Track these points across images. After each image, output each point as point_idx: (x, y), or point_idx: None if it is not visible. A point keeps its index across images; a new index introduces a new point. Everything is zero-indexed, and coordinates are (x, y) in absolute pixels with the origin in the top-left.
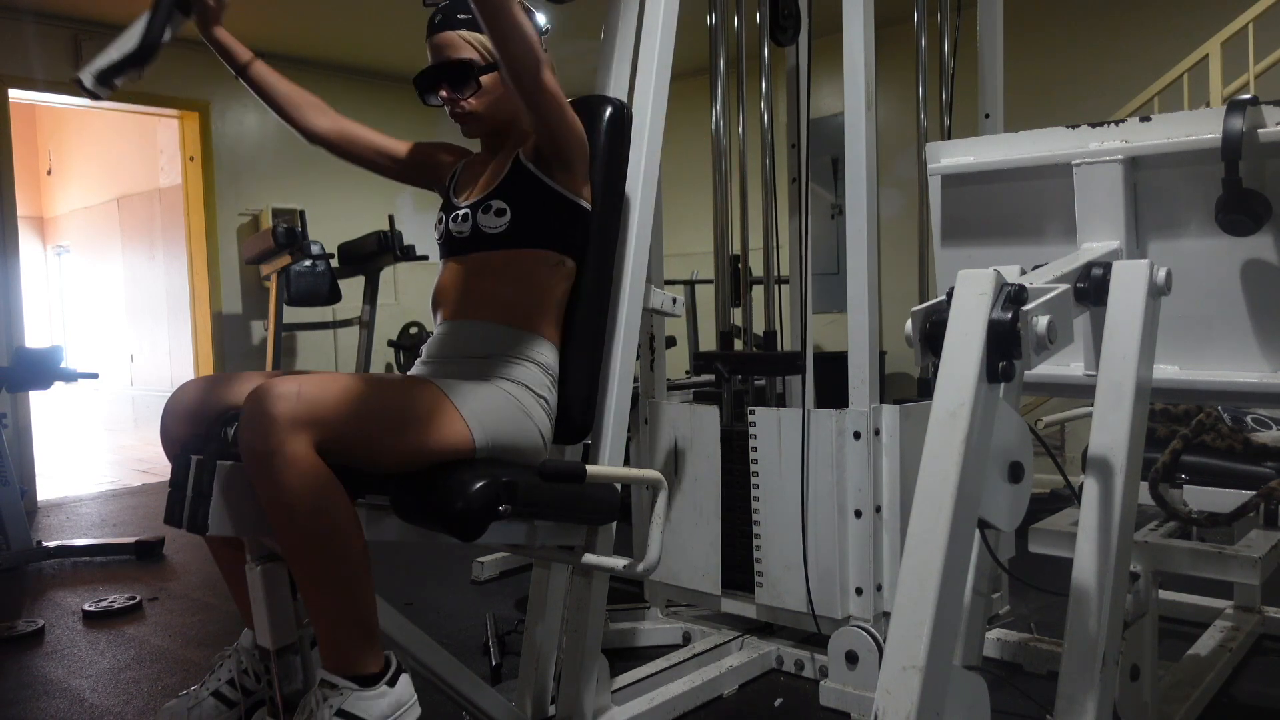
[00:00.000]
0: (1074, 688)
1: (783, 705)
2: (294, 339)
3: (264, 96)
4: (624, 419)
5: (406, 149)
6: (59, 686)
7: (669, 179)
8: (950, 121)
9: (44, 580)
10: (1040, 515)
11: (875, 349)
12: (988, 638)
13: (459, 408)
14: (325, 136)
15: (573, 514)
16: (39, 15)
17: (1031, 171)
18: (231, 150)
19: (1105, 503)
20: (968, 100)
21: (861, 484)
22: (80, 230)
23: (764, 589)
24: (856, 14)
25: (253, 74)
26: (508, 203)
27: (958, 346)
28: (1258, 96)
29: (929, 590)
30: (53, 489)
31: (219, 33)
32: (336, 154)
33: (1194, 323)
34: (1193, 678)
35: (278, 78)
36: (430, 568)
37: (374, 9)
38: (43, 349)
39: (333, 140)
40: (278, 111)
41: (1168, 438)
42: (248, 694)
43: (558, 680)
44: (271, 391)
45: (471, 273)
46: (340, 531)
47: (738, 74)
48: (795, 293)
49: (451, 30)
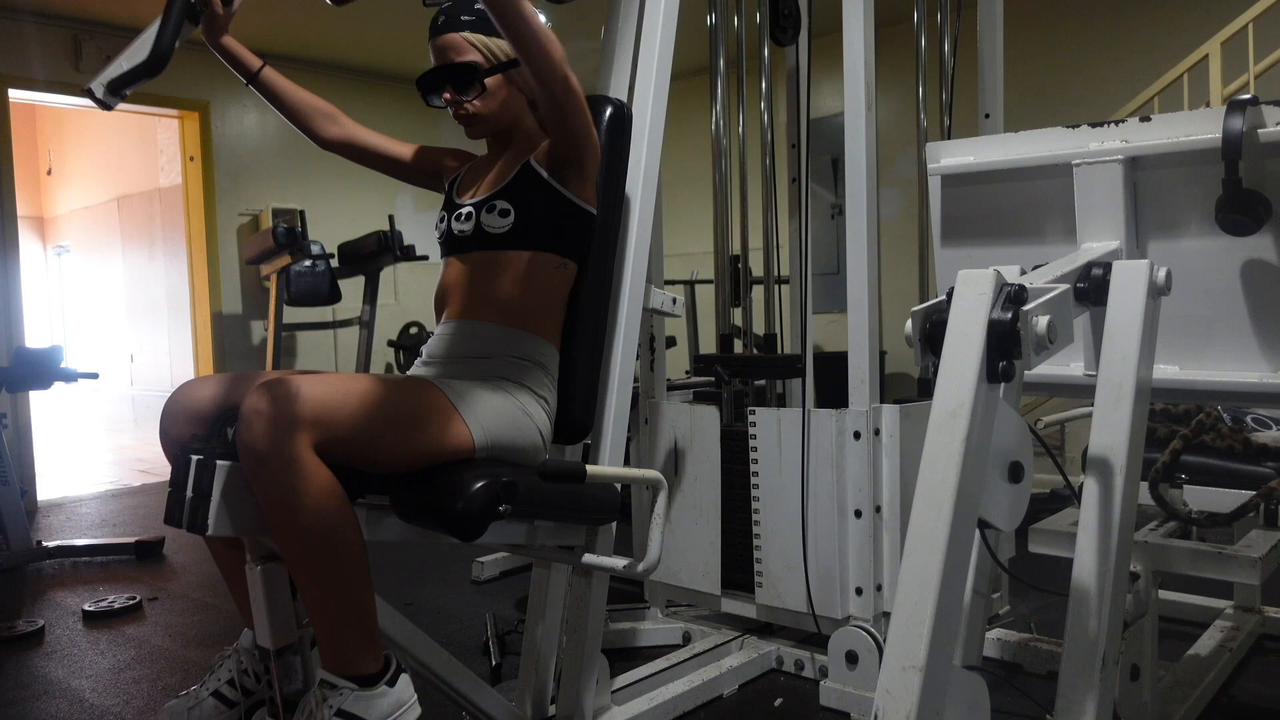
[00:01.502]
0: (1074, 688)
1: (783, 705)
2: (294, 339)
3: (275, 103)
4: (624, 419)
5: (414, 152)
6: (59, 686)
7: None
8: (950, 121)
9: (44, 580)
10: (1040, 515)
11: (875, 349)
12: (988, 638)
13: (459, 408)
14: (336, 144)
15: (573, 514)
16: (39, 15)
17: (1031, 171)
18: (231, 150)
19: (1105, 503)
20: (968, 100)
21: (861, 484)
22: (80, 230)
23: (764, 589)
24: (856, 14)
25: (263, 81)
26: (512, 204)
27: (958, 346)
28: (1258, 96)
29: (929, 590)
30: (53, 489)
31: (227, 41)
32: (347, 158)
33: (1194, 323)
34: (1193, 678)
35: (288, 84)
36: (430, 568)
37: (376, 9)
38: (43, 349)
39: (343, 147)
40: (289, 118)
41: (1168, 438)
42: (248, 694)
43: (558, 680)
44: (271, 391)
45: (473, 272)
46: (340, 531)
47: (738, 74)
48: (795, 293)
49: (455, 32)
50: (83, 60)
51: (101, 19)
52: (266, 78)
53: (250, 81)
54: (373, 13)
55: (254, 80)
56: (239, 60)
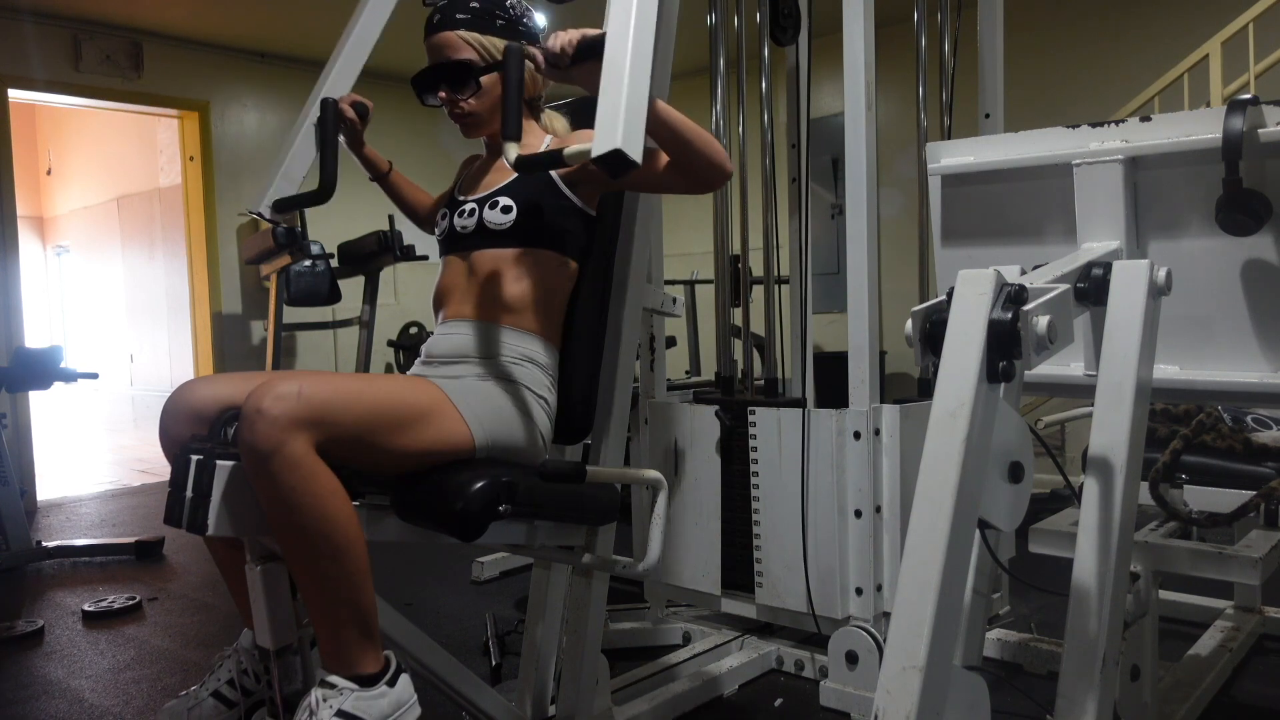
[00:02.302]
0: (1074, 688)
1: (783, 705)
2: (294, 339)
3: (396, 201)
4: (624, 419)
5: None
6: (59, 686)
7: None
8: (950, 121)
9: (44, 580)
10: (1040, 515)
11: (875, 349)
12: (988, 638)
13: (459, 408)
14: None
15: (573, 514)
16: (39, 15)
17: (1031, 172)
18: (231, 150)
19: (1105, 503)
20: (968, 100)
21: (861, 484)
22: (80, 230)
23: (764, 589)
24: (856, 14)
25: (390, 181)
26: (514, 200)
27: (958, 346)
28: (1258, 96)
29: (929, 590)
30: (53, 489)
31: (366, 150)
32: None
33: (1194, 323)
34: (1193, 678)
35: (407, 183)
36: (430, 568)
37: None
38: (43, 349)
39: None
40: (405, 213)
41: (1168, 438)
42: (247, 694)
43: (558, 680)
44: (271, 391)
45: (474, 269)
46: (340, 531)
47: (738, 74)
48: (795, 293)
49: (450, 30)
50: (82, 60)
51: (101, 19)
52: (393, 179)
53: (379, 180)
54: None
55: (382, 180)
56: (372, 164)
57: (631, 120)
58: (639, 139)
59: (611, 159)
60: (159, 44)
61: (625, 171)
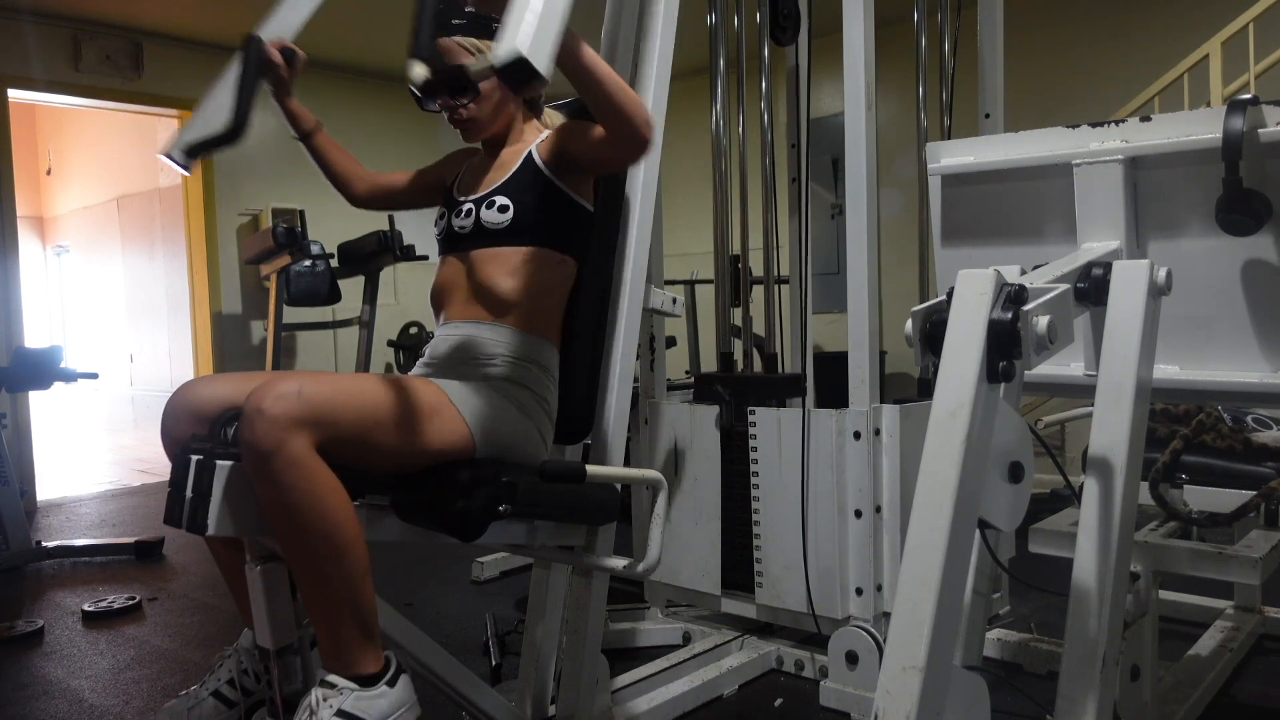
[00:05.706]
0: (1074, 688)
1: (783, 705)
2: (294, 339)
3: (320, 164)
4: (624, 419)
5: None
6: (59, 686)
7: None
8: (950, 121)
9: (44, 580)
10: (1040, 515)
11: (875, 349)
12: (988, 638)
13: (459, 408)
14: (365, 198)
15: (573, 514)
16: (39, 15)
17: (1031, 172)
18: (231, 150)
19: (1105, 503)
20: (968, 100)
21: (861, 484)
22: (80, 230)
23: (764, 589)
24: (856, 14)
25: (315, 142)
26: (511, 198)
27: (958, 346)
28: (1258, 96)
29: (929, 590)
30: (53, 489)
31: (290, 102)
32: (379, 209)
33: (1194, 323)
34: (1193, 678)
35: (336, 147)
36: (430, 568)
37: (374, 10)
38: (43, 349)
39: (371, 199)
40: (329, 178)
41: (1168, 438)
42: (248, 694)
43: (558, 680)
44: (272, 391)
45: (471, 269)
46: (340, 531)
47: (738, 74)
48: (795, 293)
49: (447, 36)
50: (82, 60)
51: (101, 19)
52: (318, 139)
53: (303, 139)
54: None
55: (307, 139)
56: (298, 119)
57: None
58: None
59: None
60: (159, 44)
61: (528, 82)
